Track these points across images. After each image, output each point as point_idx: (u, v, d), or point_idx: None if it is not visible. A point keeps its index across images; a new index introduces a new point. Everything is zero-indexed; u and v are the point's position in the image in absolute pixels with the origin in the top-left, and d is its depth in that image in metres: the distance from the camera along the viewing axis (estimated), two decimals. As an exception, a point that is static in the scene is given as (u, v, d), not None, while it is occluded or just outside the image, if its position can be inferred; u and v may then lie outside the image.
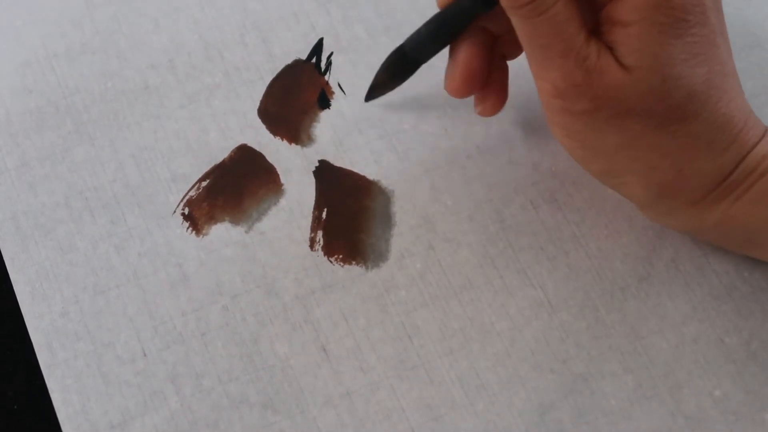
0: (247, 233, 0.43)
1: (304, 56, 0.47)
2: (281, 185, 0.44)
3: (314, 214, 0.44)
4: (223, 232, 0.43)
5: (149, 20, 0.48)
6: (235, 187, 0.44)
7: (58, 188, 0.44)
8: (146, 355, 0.41)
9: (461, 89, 0.41)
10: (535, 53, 0.37)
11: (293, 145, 0.45)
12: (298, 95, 0.46)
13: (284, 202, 0.44)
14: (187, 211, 0.44)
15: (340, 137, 0.45)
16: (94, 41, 0.47)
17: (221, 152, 0.45)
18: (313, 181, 0.45)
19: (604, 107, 0.36)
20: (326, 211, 0.44)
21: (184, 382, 0.41)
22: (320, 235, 0.43)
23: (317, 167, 0.45)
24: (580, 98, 0.36)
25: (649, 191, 0.39)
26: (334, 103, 0.46)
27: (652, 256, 0.43)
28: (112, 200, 0.44)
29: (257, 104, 0.46)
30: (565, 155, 0.43)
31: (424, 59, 0.43)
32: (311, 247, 0.43)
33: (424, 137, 0.45)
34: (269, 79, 0.47)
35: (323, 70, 0.47)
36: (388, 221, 0.44)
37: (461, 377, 0.41)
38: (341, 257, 0.43)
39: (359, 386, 0.41)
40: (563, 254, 0.43)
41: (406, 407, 0.40)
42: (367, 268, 0.43)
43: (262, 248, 0.43)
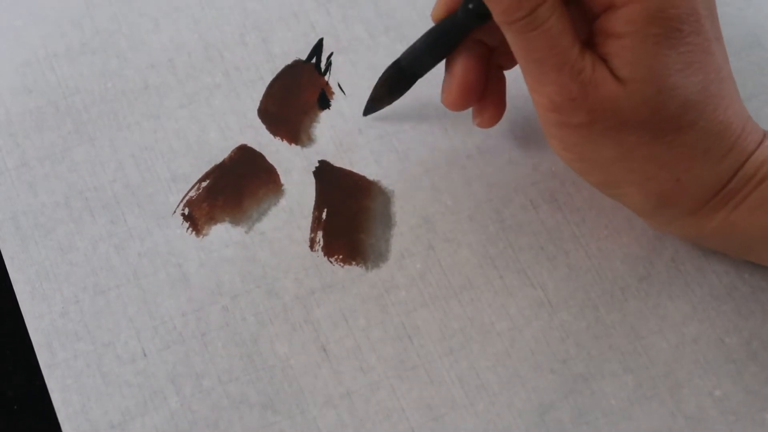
0: (247, 233, 0.43)
1: (304, 56, 0.47)
2: (281, 185, 0.44)
3: (314, 214, 0.44)
4: (223, 232, 0.43)
5: (149, 20, 0.48)
6: (235, 187, 0.44)
7: (58, 188, 0.44)
8: (146, 355, 0.41)
9: (458, 102, 0.41)
10: (530, 67, 0.36)
11: (293, 145, 0.45)
12: (298, 95, 0.46)
13: (284, 202, 0.44)
14: (187, 211, 0.44)
15: (340, 137, 0.45)
16: (94, 41, 0.47)
17: (221, 152, 0.45)
18: (313, 181, 0.45)
19: (599, 120, 0.36)
20: (326, 211, 0.44)
21: (184, 382, 0.41)
22: (320, 235, 0.43)
23: (317, 167, 0.45)
24: (576, 112, 0.36)
25: (648, 201, 0.39)
26: (334, 103, 0.46)
27: (652, 256, 0.43)
28: (112, 200, 0.44)
29: (257, 104, 0.46)
30: (565, 155, 0.43)
31: (421, 73, 0.43)
32: (311, 247, 0.43)
33: (424, 137, 0.45)
34: (269, 79, 0.47)
35: (323, 70, 0.47)
36: (388, 221, 0.44)
37: (461, 377, 0.41)
38: (341, 257, 0.43)
39: (359, 386, 0.41)
40: (563, 254, 0.43)
41: (406, 407, 0.40)
42: (367, 268, 0.43)
43: (262, 248, 0.43)
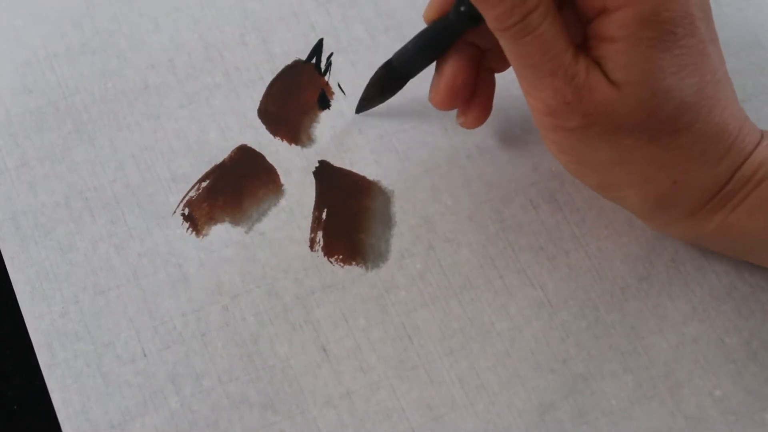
0: (247, 234, 0.43)
1: (304, 56, 0.47)
2: (281, 186, 0.44)
3: (314, 214, 0.44)
4: (223, 232, 0.43)
5: (149, 20, 0.48)
6: (235, 187, 0.44)
7: (58, 188, 0.44)
8: (146, 355, 0.41)
9: (445, 102, 0.41)
10: (524, 72, 0.36)
11: (293, 145, 0.45)
12: (298, 95, 0.46)
13: (284, 202, 0.44)
14: (187, 211, 0.44)
15: (340, 137, 0.45)
16: (94, 41, 0.47)
17: (221, 152, 0.45)
18: (313, 181, 0.45)
19: (595, 123, 0.36)
20: (326, 211, 0.44)
21: (184, 382, 0.41)
22: (320, 235, 0.43)
23: (317, 168, 0.45)
24: (571, 116, 0.36)
25: (646, 203, 0.39)
26: (334, 103, 0.46)
27: (652, 256, 0.43)
28: (112, 200, 0.44)
29: (257, 104, 0.46)
30: (565, 155, 0.43)
31: (412, 74, 0.43)
32: (311, 247, 0.43)
33: (424, 137, 0.45)
34: (269, 79, 0.47)
35: (323, 70, 0.47)
36: (388, 221, 0.44)
37: (461, 377, 0.41)
38: (341, 257, 0.43)
39: (359, 386, 0.41)
40: (563, 254, 0.43)
41: (406, 407, 0.40)
42: (367, 268, 0.43)
43: (262, 249, 0.43)
